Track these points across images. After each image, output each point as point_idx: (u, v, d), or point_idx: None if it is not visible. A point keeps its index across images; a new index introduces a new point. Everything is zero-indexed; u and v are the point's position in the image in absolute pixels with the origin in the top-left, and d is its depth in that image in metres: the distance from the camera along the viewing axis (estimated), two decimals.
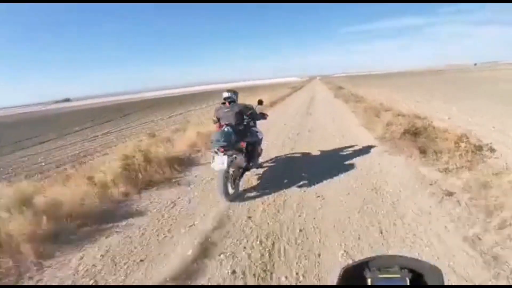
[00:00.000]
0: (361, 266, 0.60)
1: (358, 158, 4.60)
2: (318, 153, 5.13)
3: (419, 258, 0.62)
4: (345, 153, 5.00)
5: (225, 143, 3.19)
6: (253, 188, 3.73)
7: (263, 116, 4.17)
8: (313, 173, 4.04)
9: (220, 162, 3.15)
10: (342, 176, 3.87)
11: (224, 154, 3.17)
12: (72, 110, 57.11)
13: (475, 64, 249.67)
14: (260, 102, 4.44)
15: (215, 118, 3.86)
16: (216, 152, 3.23)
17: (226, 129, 3.42)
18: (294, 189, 3.56)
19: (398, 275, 0.57)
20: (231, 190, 3.38)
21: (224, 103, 3.78)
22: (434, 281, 0.58)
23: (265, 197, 3.40)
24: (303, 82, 70.60)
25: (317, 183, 3.68)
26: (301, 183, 3.73)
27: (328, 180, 3.76)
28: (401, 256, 0.62)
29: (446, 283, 0.59)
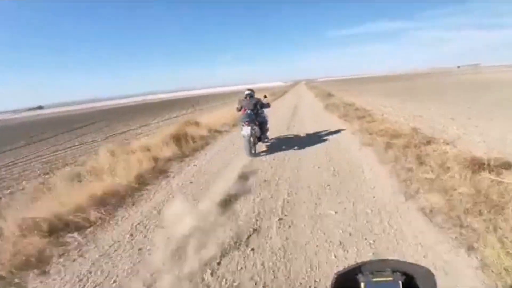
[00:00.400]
0: (354, 271, 0.61)
1: None
2: None
3: (411, 262, 0.61)
4: None
5: (248, 119, 5.45)
6: None
7: (268, 105, 6.48)
8: None
9: (246, 131, 5.30)
10: None
11: (248, 126, 5.33)
12: (31, 120, 50.76)
13: (458, 67, 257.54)
14: (265, 96, 7.02)
15: (238, 107, 6.16)
16: (243, 125, 5.41)
17: (249, 112, 5.74)
18: None
19: (391, 278, 0.57)
20: (252, 151, 5.50)
21: (246, 97, 6.08)
22: (426, 283, 0.58)
23: None
24: (287, 86, 67.00)
25: None
26: None
27: None
28: (393, 260, 0.63)
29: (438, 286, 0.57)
